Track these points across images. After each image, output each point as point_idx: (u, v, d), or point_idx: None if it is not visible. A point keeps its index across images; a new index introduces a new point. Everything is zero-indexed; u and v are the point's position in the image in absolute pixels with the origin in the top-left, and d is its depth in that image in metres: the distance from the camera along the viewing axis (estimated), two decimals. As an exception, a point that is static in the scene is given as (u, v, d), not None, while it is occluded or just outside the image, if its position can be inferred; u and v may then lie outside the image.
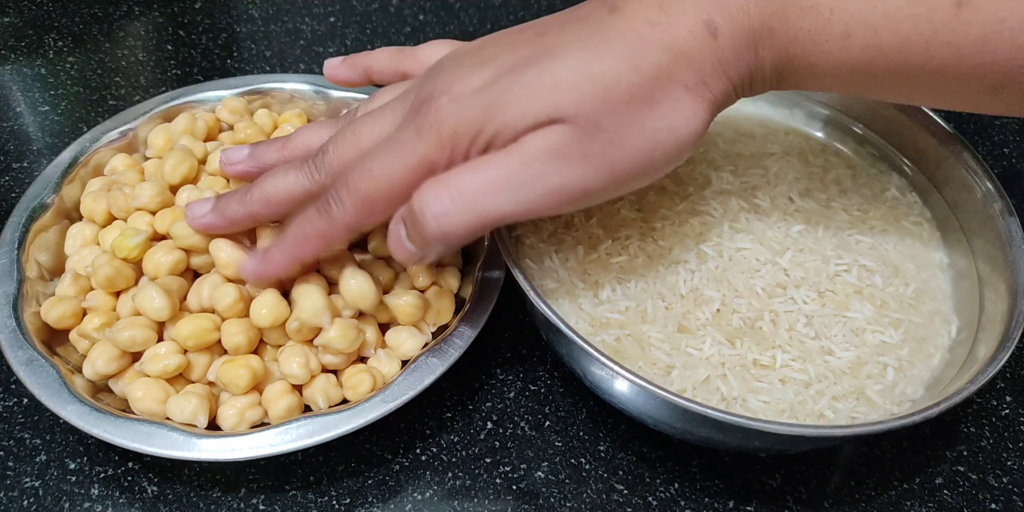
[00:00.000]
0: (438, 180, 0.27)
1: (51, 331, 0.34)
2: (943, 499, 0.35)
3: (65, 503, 0.33)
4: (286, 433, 0.31)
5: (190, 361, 0.32)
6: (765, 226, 0.36)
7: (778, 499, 0.35)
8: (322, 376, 0.33)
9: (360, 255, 0.37)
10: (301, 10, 0.58)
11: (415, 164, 0.27)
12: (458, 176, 0.27)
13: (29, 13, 0.56)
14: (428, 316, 0.36)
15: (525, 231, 0.36)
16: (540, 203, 0.27)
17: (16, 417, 0.36)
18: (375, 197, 0.28)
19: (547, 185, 0.26)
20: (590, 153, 0.26)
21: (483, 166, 0.27)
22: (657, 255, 0.35)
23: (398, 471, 0.35)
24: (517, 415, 0.37)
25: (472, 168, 0.27)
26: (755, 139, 0.40)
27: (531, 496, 0.34)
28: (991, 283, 0.33)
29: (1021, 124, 0.54)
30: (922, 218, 0.38)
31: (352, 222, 0.29)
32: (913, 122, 0.38)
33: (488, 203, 0.26)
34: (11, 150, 0.47)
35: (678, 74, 0.26)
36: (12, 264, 0.35)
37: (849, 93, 0.31)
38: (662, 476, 0.35)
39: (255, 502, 0.34)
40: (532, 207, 0.27)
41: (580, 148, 0.26)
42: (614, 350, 0.32)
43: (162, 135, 0.40)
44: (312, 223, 0.29)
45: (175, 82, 0.52)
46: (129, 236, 0.33)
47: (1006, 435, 0.38)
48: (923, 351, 0.33)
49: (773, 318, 0.32)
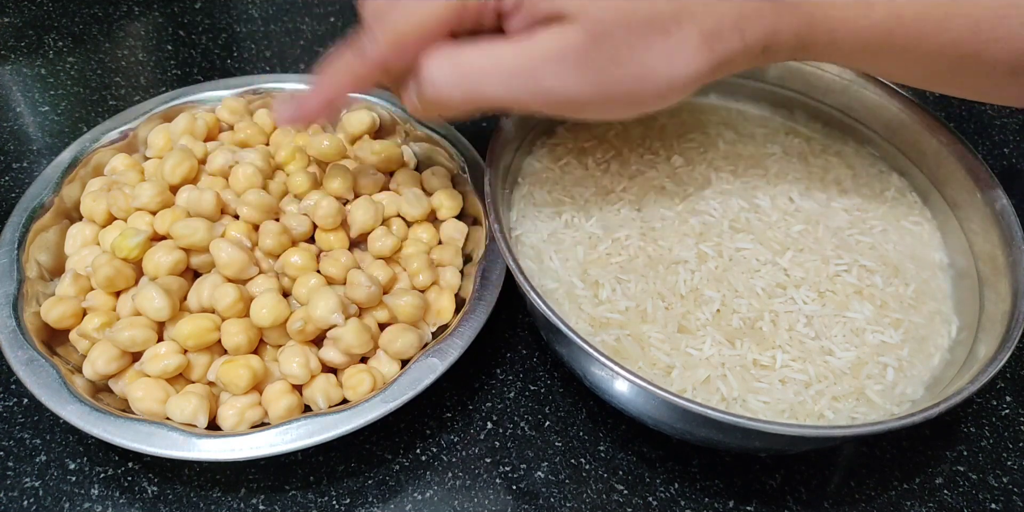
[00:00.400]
0: (447, 51, 0.28)
1: (51, 331, 0.34)
2: (943, 499, 0.35)
3: (65, 503, 0.33)
4: (286, 433, 0.31)
5: (190, 361, 0.32)
6: (765, 226, 0.36)
7: (778, 499, 0.35)
8: (322, 376, 0.33)
9: (360, 255, 0.37)
10: (301, 10, 0.58)
11: (451, 3, 0.28)
12: (464, 52, 0.28)
13: (29, 13, 0.56)
14: (428, 316, 0.36)
15: (525, 231, 0.36)
16: (527, 98, 0.28)
17: (16, 417, 0.36)
18: (408, 32, 0.28)
19: (540, 83, 0.28)
20: (589, 64, 0.27)
21: (490, 49, 0.28)
22: (657, 255, 0.35)
23: (398, 471, 0.35)
24: (517, 415, 0.37)
25: (479, 48, 0.28)
26: (755, 140, 0.40)
27: (531, 496, 0.34)
28: (991, 283, 0.33)
29: (1021, 124, 0.53)
30: (922, 218, 0.38)
31: (384, 59, 0.29)
32: (914, 122, 0.38)
33: (482, 84, 0.28)
34: (11, 150, 0.47)
35: (698, 16, 0.27)
36: (12, 264, 0.35)
37: (865, 68, 0.31)
38: (662, 476, 0.35)
39: (255, 502, 0.34)
40: (519, 98, 0.28)
41: (583, 56, 0.27)
42: (614, 350, 0.32)
43: (162, 135, 0.40)
44: (345, 61, 0.30)
45: (175, 82, 0.52)
46: (129, 236, 0.33)
47: (1006, 435, 0.37)
48: (923, 351, 0.33)
49: (773, 318, 0.32)
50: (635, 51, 0.27)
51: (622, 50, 0.27)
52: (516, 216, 0.37)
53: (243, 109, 0.42)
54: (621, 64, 0.27)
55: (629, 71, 0.28)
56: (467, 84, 0.28)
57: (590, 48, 0.27)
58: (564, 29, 0.27)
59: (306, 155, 0.39)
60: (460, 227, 0.39)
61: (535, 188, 0.38)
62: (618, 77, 0.28)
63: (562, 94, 0.28)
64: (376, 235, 0.36)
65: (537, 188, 0.38)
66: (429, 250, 0.37)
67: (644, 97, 0.29)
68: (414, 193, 0.38)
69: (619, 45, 0.27)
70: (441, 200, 0.39)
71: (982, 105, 0.54)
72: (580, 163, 0.39)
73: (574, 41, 0.27)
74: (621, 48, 0.27)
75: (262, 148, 0.39)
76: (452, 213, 0.39)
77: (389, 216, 0.38)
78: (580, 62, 0.27)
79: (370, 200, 0.37)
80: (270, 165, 0.39)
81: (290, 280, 0.34)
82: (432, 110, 0.30)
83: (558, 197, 0.37)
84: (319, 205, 0.35)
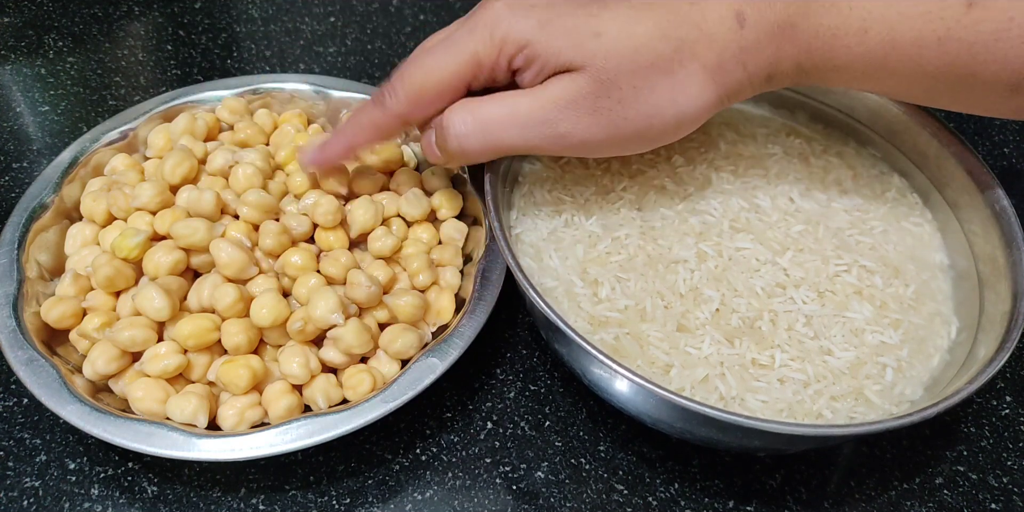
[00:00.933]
0: (466, 105, 0.31)
1: (51, 331, 0.34)
2: (943, 499, 0.35)
3: (65, 503, 0.33)
4: (286, 433, 0.31)
5: (190, 361, 0.32)
6: (765, 226, 0.36)
7: (778, 499, 0.35)
8: (322, 376, 0.33)
9: (360, 255, 0.37)
10: (301, 10, 0.58)
11: (465, 59, 0.30)
12: (483, 105, 0.30)
13: (29, 13, 0.56)
14: (428, 316, 0.36)
15: (525, 229, 0.36)
16: (544, 143, 0.30)
17: (16, 417, 0.36)
18: (426, 88, 0.31)
19: (555, 129, 0.30)
20: (599, 108, 0.29)
21: (506, 101, 0.30)
22: (657, 254, 0.35)
23: (398, 471, 0.35)
24: (517, 415, 0.37)
25: (497, 101, 0.30)
26: (756, 140, 0.40)
27: (531, 496, 0.34)
28: (991, 284, 0.33)
29: (1021, 124, 0.53)
30: (923, 219, 0.38)
31: (403, 112, 0.32)
32: (915, 124, 0.38)
33: (501, 134, 0.30)
34: (11, 150, 0.47)
35: (700, 52, 0.29)
36: (12, 264, 0.35)
37: (868, 89, 0.32)
38: (662, 476, 0.35)
39: (255, 502, 0.34)
40: (537, 145, 0.30)
41: (593, 102, 0.29)
42: (613, 349, 0.32)
43: (162, 135, 0.40)
44: (368, 113, 0.33)
45: (175, 82, 0.52)
46: (129, 236, 0.33)
47: (1006, 435, 0.37)
48: (922, 352, 0.33)
49: (772, 318, 0.32)
50: (641, 93, 0.29)
51: (628, 93, 0.29)
52: (516, 215, 0.37)
53: (243, 109, 0.42)
54: (629, 106, 0.29)
55: (638, 111, 0.29)
56: (486, 134, 0.30)
57: (599, 94, 0.29)
58: (574, 77, 0.29)
59: (306, 155, 0.39)
60: (460, 227, 0.39)
61: (535, 187, 0.38)
62: (628, 118, 0.29)
63: (577, 138, 0.30)
64: (376, 235, 0.36)
65: (537, 187, 0.38)
66: (429, 250, 0.37)
67: (655, 134, 0.31)
68: (414, 193, 0.38)
69: (625, 89, 0.29)
70: (441, 200, 0.39)
71: (982, 105, 0.54)
72: (581, 162, 0.39)
73: (584, 88, 0.29)
74: (627, 91, 0.29)
75: (262, 148, 0.40)
76: (452, 213, 0.39)
77: (389, 216, 0.38)
78: (591, 107, 0.29)
79: (370, 200, 0.37)
80: (270, 165, 0.39)
81: (290, 280, 0.34)
82: (455, 160, 0.32)
83: (558, 196, 0.37)
84: (319, 204, 0.35)
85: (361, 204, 0.36)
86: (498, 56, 0.30)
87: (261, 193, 0.36)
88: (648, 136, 0.31)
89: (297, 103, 0.44)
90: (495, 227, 0.32)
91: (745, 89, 0.31)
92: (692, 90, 0.29)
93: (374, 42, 0.56)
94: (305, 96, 0.44)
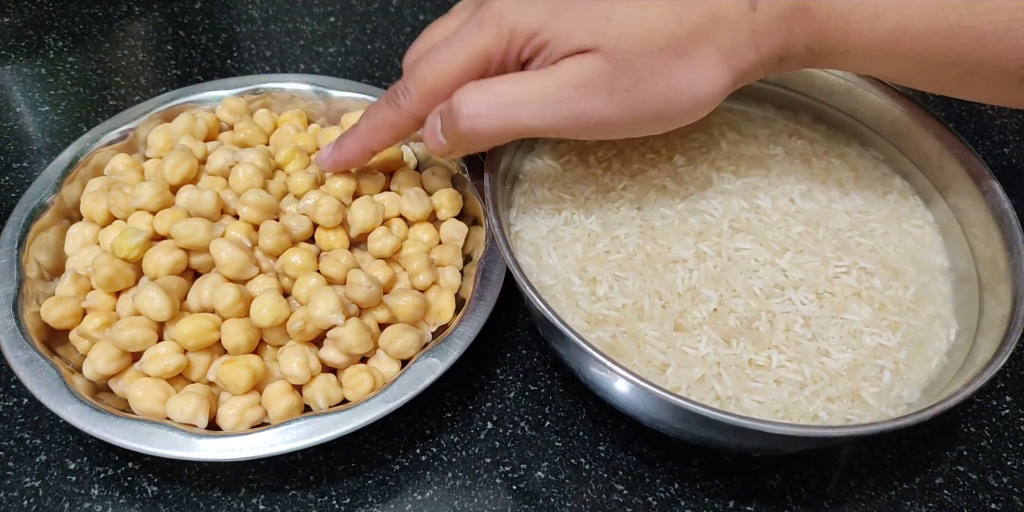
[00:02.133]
0: (479, 84, 0.30)
1: (51, 331, 0.34)
2: (943, 499, 0.35)
3: (65, 503, 0.33)
4: (286, 433, 0.31)
5: (190, 361, 0.32)
6: (765, 226, 0.36)
7: (778, 499, 0.35)
8: (322, 376, 0.33)
9: (360, 255, 0.37)
10: (301, 10, 0.58)
11: (475, 54, 0.29)
12: (498, 84, 0.29)
13: (29, 13, 0.56)
14: (428, 316, 0.36)
15: (524, 227, 0.36)
16: (562, 124, 0.29)
17: (16, 417, 0.36)
18: (439, 85, 0.30)
19: (572, 109, 0.29)
20: (616, 88, 0.29)
21: (521, 80, 0.29)
22: (656, 253, 0.35)
23: (398, 471, 0.35)
24: (517, 415, 0.37)
25: (512, 80, 0.29)
26: (759, 141, 0.40)
27: (531, 496, 0.34)
28: (992, 287, 0.33)
29: (1021, 124, 0.53)
30: (924, 221, 0.38)
31: (416, 111, 0.31)
32: (917, 126, 0.38)
33: (518, 113, 0.29)
34: (11, 150, 0.47)
35: (714, 35, 0.29)
36: (12, 264, 0.35)
37: (878, 74, 0.33)
38: (662, 476, 0.35)
39: (255, 502, 0.34)
40: (554, 126, 0.30)
41: (609, 81, 0.29)
42: (609, 347, 0.32)
43: (162, 135, 0.40)
44: (382, 113, 0.32)
45: (175, 82, 0.52)
46: (129, 236, 0.33)
47: (1006, 435, 0.38)
48: (921, 354, 0.33)
49: (770, 318, 0.32)
50: (658, 74, 0.29)
51: (645, 74, 0.29)
52: (516, 213, 0.37)
53: (243, 109, 0.42)
54: (646, 87, 0.29)
55: (656, 92, 0.29)
56: (503, 113, 0.29)
57: (615, 74, 0.28)
58: (588, 57, 0.28)
59: (306, 155, 0.39)
60: (460, 227, 0.39)
61: (536, 185, 0.38)
62: (646, 98, 0.29)
63: (594, 117, 0.29)
64: (376, 235, 0.36)
65: (538, 185, 0.38)
66: (429, 250, 0.37)
67: (672, 115, 0.30)
68: (415, 193, 0.38)
69: (641, 70, 0.28)
70: (441, 200, 0.39)
71: (982, 105, 0.54)
72: (582, 160, 0.39)
73: (598, 67, 0.28)
74: (644, 72, 0.29)
75: (262, 148, 0.39)
76: (452, 213, 0.39)
77: (389, 216, 0.38)
78: (607, 87, 0.29)
79: (370, 200, 0.37)
80: (270, 165, 0.39)
81: (290, 280, 0.34)
82: (463, 145, 0.31)
83: (559, 194, 0.37)
84: (319, 204, 0.35)
85: (361, 204, 0.36)
86: (507, 48, 0.29)
87: (261, 193, 0.36)
88: (667, 117, 0.30)
89: (297, 103, 0.44)
90: (493, 224, 0.32)
91: (757, 71, 0.31)
92: (708, 73, 0.29)
93: (374, 42, 0.56)
94: (305, 96, 0.44)
